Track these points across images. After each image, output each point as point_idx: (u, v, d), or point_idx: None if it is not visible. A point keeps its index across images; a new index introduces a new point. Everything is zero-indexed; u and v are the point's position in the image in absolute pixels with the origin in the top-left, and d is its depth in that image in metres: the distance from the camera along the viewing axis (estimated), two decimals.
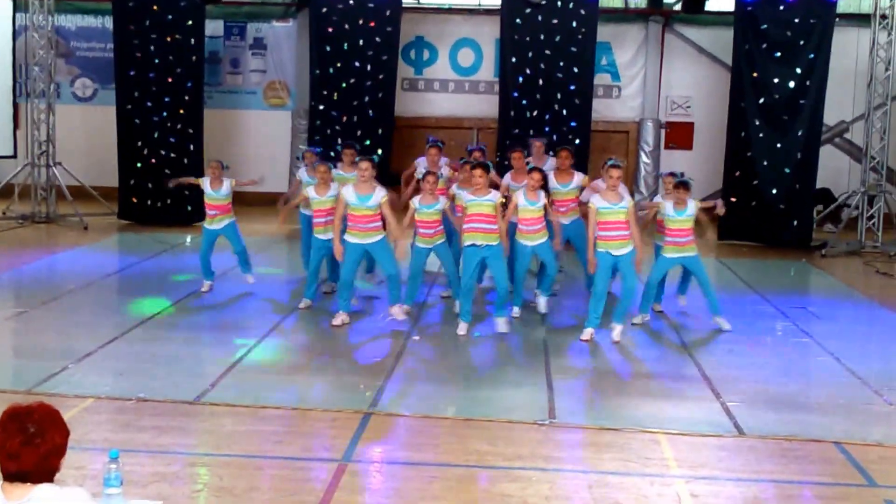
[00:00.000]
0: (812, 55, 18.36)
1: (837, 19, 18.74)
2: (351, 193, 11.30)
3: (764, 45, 18.47)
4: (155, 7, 18.70)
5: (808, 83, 18.39)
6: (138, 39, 18.82)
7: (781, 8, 18.22)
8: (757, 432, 8.22)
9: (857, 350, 11.21)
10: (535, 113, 18.83)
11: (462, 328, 11.31)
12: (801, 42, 18.36)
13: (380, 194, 11.30)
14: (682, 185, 11.52)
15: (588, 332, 11.15)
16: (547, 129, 18.49)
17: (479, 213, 11.09)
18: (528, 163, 12.77)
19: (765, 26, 18.40)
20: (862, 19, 20.04)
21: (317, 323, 11.81)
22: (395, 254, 11.54)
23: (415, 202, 11.61)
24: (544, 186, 11.47)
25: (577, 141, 18.69)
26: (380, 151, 18.36)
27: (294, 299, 12.80)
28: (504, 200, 11.50)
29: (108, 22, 20.47)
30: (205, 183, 13.24)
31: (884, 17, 18.55)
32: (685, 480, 7.21)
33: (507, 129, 18.92)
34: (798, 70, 18.42)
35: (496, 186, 12.13)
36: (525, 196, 11.38)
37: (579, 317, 11.97)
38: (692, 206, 11.50)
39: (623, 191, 11.35)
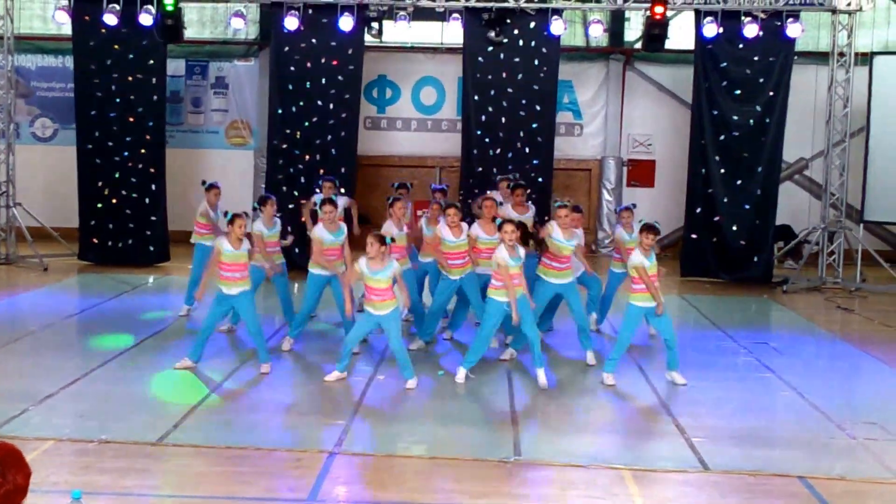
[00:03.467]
0: (771, 93, 18.55)
1: (796, 57, 18.96)
2: (323, 232, 11.90)
3: (724, 83, 18.66)
4: (116, 46, 18.60)
5: (767, 120, 18.57)
6: (99, 79, 18.73)
7: (741, 46, 18.40)
8: (721, 467, 8.24)
9: (820, 385, 11.26)
10: (497, 151, 18.90)
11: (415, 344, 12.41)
12: (761, 80, 18.56)
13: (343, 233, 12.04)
14: (649, 228, 10.88)
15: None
16: (510, 167, 18.55)
17: (457, 251, 11.92)
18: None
19: (724, 64, 18.60)
20: (820, 57, 20.33)
21: (281, 363, 11.73)
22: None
23: (363, 267, 10.53)
24: (524, 236, 11.16)
25: (540, 179, 18.78)
26: (343, 191, 18.35)
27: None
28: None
29: (69, 61, 20.39)
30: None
31: (842, 54, 18.82)
32: None
33: (470, 168, 18.98)
34: (758, 107, 18.60)
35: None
36: (507, 253, 10.70)
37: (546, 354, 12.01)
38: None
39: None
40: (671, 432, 9.28)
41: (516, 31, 18.74)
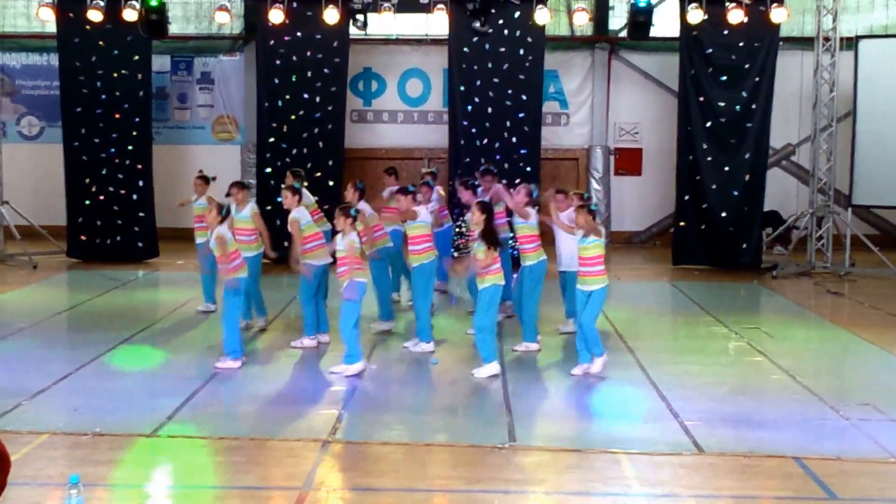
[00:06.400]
0: (757, 78, 18.56)
1: (781, 43, 18.95)
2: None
3: (709, 70, 18.64)
4: (101, 43, 18.52)
5: (753, 106, 18.57)
6: (84, 76, 18.64)
7: (726, 32, 18.40)
8: (716, 449, 8.24)
9: (812, 367, 11.32)
10: (485, 141, 18.88)
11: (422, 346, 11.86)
12: (746, 65, 18.56)
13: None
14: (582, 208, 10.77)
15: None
16: (497, 157, 18.54)
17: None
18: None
19: (710, 50, 18.59)
20: (805, 42, 20.33)
21: (271, 353, 11.73)
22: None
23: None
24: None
25: (528, 168, 18.77)
26: (331, 183, 18.40)
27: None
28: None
29: (54, 59, 20.30)
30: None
31: (827, 39, 18.83)
32: (647, 499, 7.23)
33: (457, 159, 18.94)
34: (744, 93, 18.60)
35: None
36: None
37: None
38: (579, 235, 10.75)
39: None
40: (665, 416, 9.29)
41: (501, 21, 18.71)
